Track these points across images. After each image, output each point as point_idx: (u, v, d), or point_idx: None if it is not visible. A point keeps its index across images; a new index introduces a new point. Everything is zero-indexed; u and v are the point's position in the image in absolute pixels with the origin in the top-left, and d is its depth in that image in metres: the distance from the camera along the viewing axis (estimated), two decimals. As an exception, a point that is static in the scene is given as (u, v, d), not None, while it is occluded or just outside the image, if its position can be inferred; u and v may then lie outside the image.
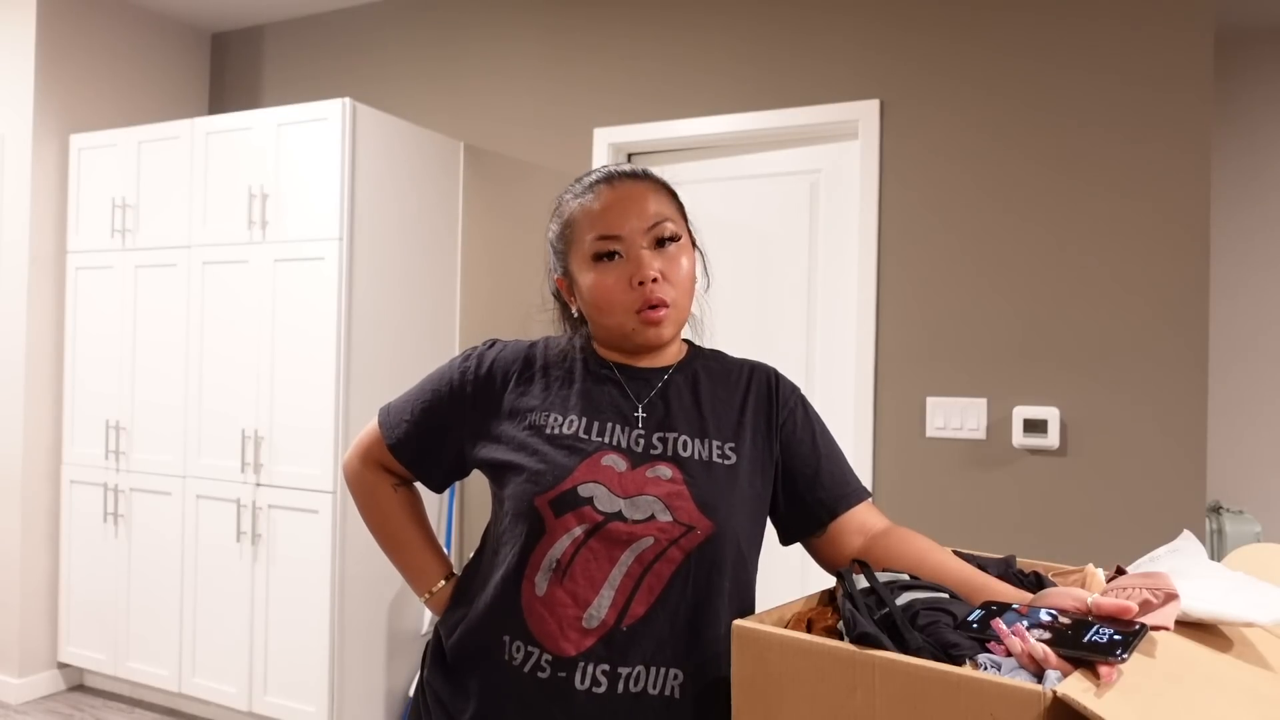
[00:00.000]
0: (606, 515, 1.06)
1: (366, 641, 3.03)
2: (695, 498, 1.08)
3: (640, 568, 1.05)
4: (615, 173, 1.18)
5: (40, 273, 3.44)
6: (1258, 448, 3.49)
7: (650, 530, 1.06)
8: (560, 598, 1.06)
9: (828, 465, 1.18)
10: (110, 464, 3.36)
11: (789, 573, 2.70)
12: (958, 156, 2.68)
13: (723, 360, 1.24)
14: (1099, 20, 2.53)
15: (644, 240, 1.12)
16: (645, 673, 1.05)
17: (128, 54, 3.73)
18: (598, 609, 1.05)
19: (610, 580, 1.05)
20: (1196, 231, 2.42)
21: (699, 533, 1.06)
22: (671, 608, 1.06)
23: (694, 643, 1.07)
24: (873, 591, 0.86)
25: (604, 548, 1.05)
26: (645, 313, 1.10)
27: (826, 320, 2.89)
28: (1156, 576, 0.87)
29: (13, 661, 3.39)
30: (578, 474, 1.08)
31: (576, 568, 1.06)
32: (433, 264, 3.32)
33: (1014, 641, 0.79)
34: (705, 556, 1.07)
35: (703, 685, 1.06)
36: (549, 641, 1.06)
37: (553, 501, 1.08)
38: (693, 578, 1.06)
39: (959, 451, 2.65)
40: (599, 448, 1.11)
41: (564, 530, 1.07)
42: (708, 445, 1.13)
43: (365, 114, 3.00)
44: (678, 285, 1.13)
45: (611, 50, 3.20)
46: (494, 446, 1.16)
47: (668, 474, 1.09)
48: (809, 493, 1.16)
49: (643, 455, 1.11)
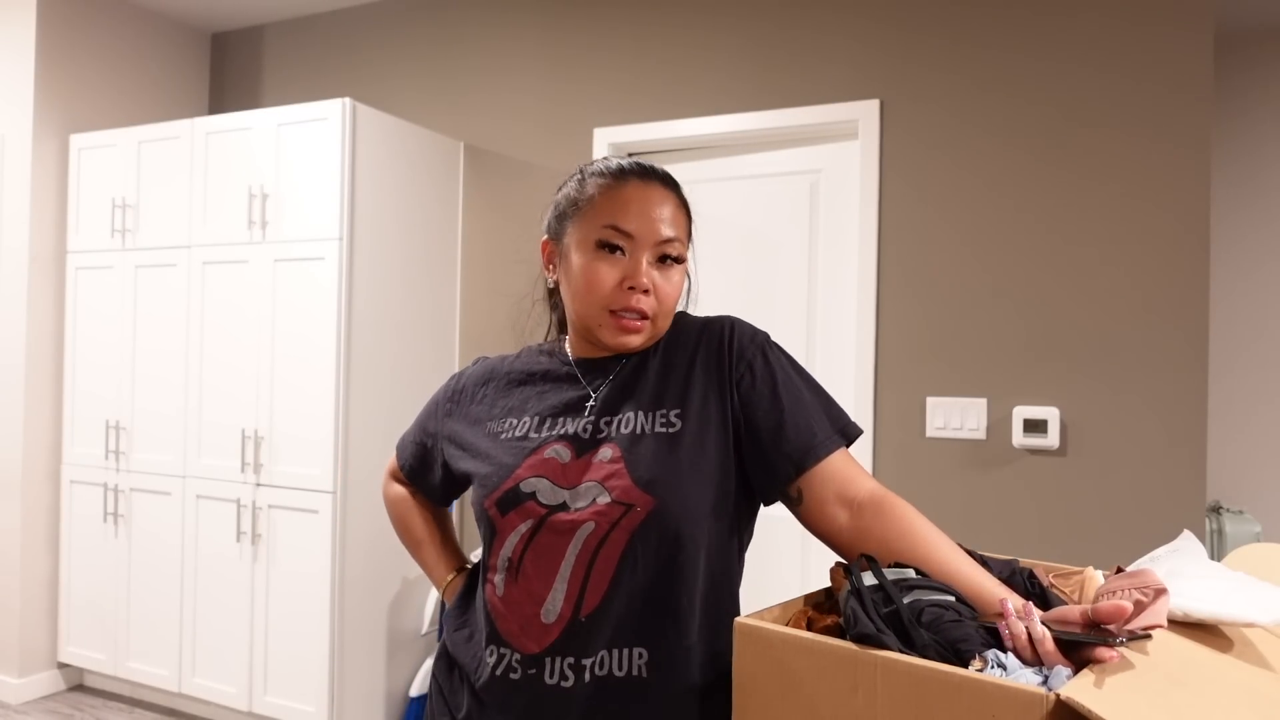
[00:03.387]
0: (550, 508, 1.05)
1: (366, 641, 3.03)
2: (633, 475, 1.04)
3: (588, 555, 1.03)
4: (650, 170, 1.14)
5: (40, 273, 3.44)
6: (1258, 448, 3.49)
7: (590, 515, 1.03)
8: (516, 596, 1.06)
9: (792, 416, 1.07)
10: (110, 464, 3.36)
11: (789, 572, 2.70)
12: (958, 156, 2.68)
13: (679, 324, 1.18)
14: (1099, 21, 2.53)
15: (650, 250, 1.09)
16: (608, 656, 1.03)
17: (128, 54, 3.73)
18: (553, 603, 1.04)
19: (560, 573, 1.03)
20: (1196, 231, 2.42)
21: (639, 510, 1.02)
22: (626, 590, 1.03)
23: (655, 619, 1.04)
24: (880, 588, 0.86)
25: (550, 541, 1.04)
26: (621, 318, 1.08)
27: (826, 320, 2.89)
28: (1143, 574, 0.87)
29: (13, 661, 3.39)
30: (520, 471, 1.09)
31: (527, 564, 1.05)
32: (433, 264, 3.31)
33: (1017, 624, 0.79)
34: (651, 533, 1.02)
35: (669, 660, 1.03)
36: (514, 641, 1.06)
37: (498, 501, 1.08)
38: (641, 557, 1.02)
39: (959, 451, 2.65)
40: (544, 440, 1.11)
41: (511, 529, 1.07)
42: (651, 417, 1.09)
43: (365, 114, 3.00)
44: (663, 304, 1.11)
45: (611, 50, 3.20)
46: (461, 457, 1.20)
47: (609, 455, 1.07)
48: (774, 448, 1.07)
49: (589, 441, 1.09)
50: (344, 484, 2.92)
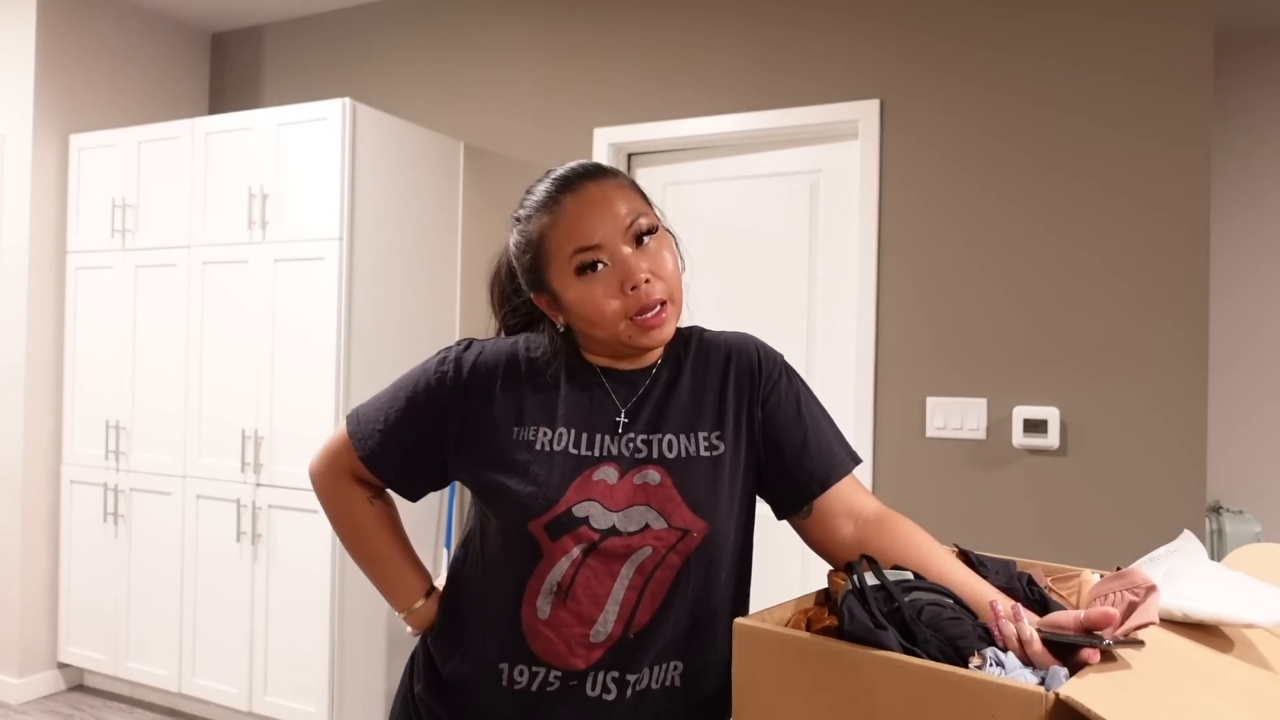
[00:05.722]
0: (602, 532, 1.04)
1: (366, 641, 3.03)
2: (686, 499, 1.06)
3: (641, 579, 1.05)
4: (571, 177, 1.10)
5: (40, 273, 3.44)
6: (1258, 448, 3.49)
7: (647, 540, 1.04)
8: (565, 619, 1.05)
9: (814, 436, 1.13)
10: (110, 464, 3.36)
11: (789, 572, 2.70)
12: (958, 156, 2.68)
13: (705, 340, 1.17)
14: (1099, 21, 2.53)
15: (624, 241, 1.05)
16: (649, 672, 1.06)
17: (128, 54, 3.73)
18: (604, 624, 1.04)
19: (613, 595, 1.04)
20: (1196, 231, 2.42)
21: (695, 535, 1.05)
22: (676, 610, 1.06)
23: (693, 634, 1.08)
24: (881, 588, 0.86)
25: (603, 564, 1.04)
26: (642, 318, 1.04)
27: (826, 320, 2.89)
28: (1131, 574, 0.87)
29: (13, 661, 3.39)
30: (570, 494, 1.05)
31: (578, 588, 1.04)
32: (433, 264, 3.31)
33: (1007, 625, 0.81)
34: (704, 557, 1.06)
35: (700, 670, 1.08)
36: (558, 660, 1.06)
37: (548, 526, 1.04)
38: (693, 579, 1.07)
39: (959, 451, 2.65)
40: (590, 462, 1.07)
41: (562, 552, 1.04)
42: (694, 439, 1.10)
43: (365, 114, 3.00)
44: (668, 280, 1.07)
45: (611, 50, 3.20)
46: (479, 462, 1.10)
47: (656, 478, 1.07)
48: (797, 465, 1.11)
49: (631, 461, 1.08)
50: (344, 484, 2.92)
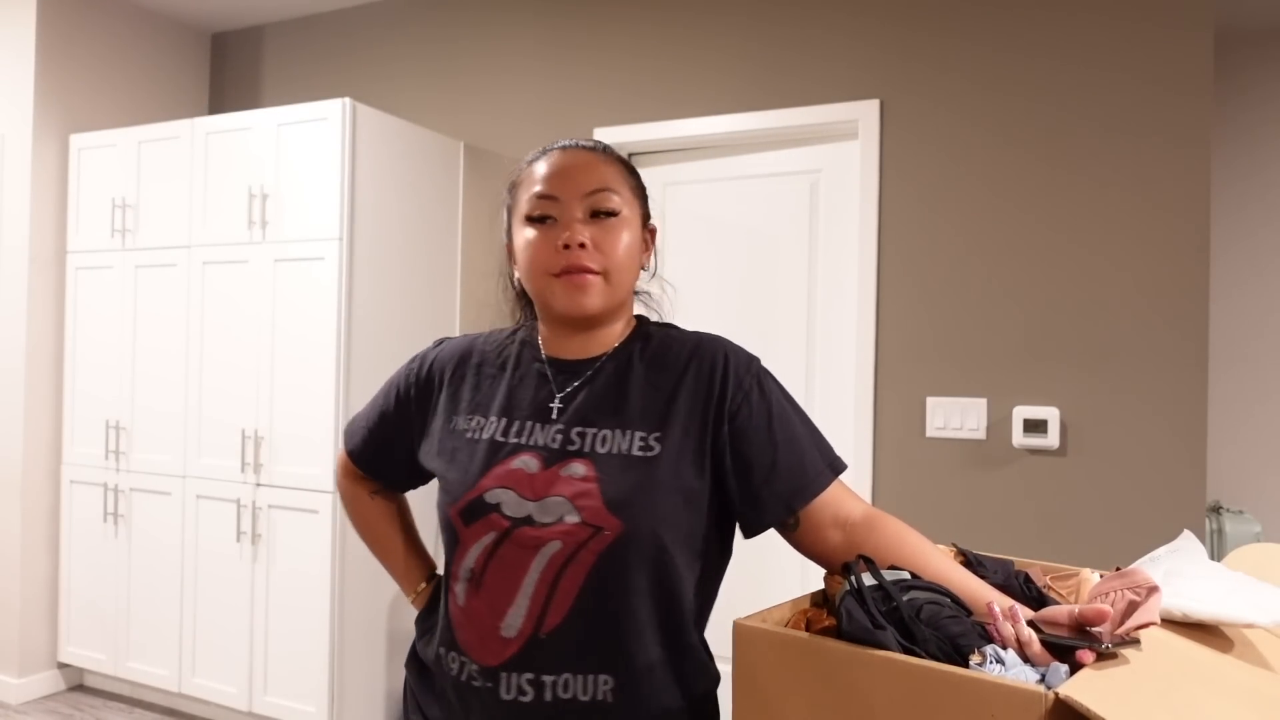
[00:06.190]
0: (514, 520, 1.01)
1: (366, 641, 3.03)
2: (605, 496, 1.00)
3: (553, 573, 1.00)
4: (570, 142, 1.14)
5: (40, 273, 3.44)
6: (1258, 448, 3.49)
7: (557, 534, 0.99)
8: (477, 608, 1.03)
9: (785, 454, 1.05)
10: (110, 464, 3.35)
11: (789, 573, 2.70)
12: (958, 156, 2.68)
13: (668, 338, 1.13)
14: (1099, 21, 2.53)
15: (580, 208, 1.06)
16: (573, 680, 1.01)
17: (128, 54, 3.73)
18: (514, 618, 1.01)
19: (524, 588, 1.00)
20: (1196, 231, 2.42)
21: (608, 534, 0.99)
22: (590, 614, 1.00)
23: (619, 647, 1.01)
24: (878, 588, 0.86)
25: (514, 554, 1.01)
26: (566, 276, 1.04)
27: (826, 320, 2.89)
28: (1134, 574, 0.87)
29: (13, 661, 3.39)
30: (486, 480, 1.05)
31: (489, 577, 1.02)
32: (433, 264, 3.31)
33: (1005, 626, 0.80)
34: (617, 559, 0.99)
35: (633, 684, 1.02)
36: (473, 652, 1.04)
37: (462, 511, 1.05)
38: (606, 582, 1.00)
39: (959, 451, 2.65)
40: (511, 450, 1.06)
41: (474, 539, 1.04)
42: (629, 437, 1.04)
43: (365, 114, 3.00)
44: (610, 257, 1.05)
45: (611, 50, 3.20)
46: (428, 452, 1.15)
47: (581, 471, 1.02)
48: (765, 486, 1.04)
49: (559, 453, 1.04)
50: (344, 484, 2.92)
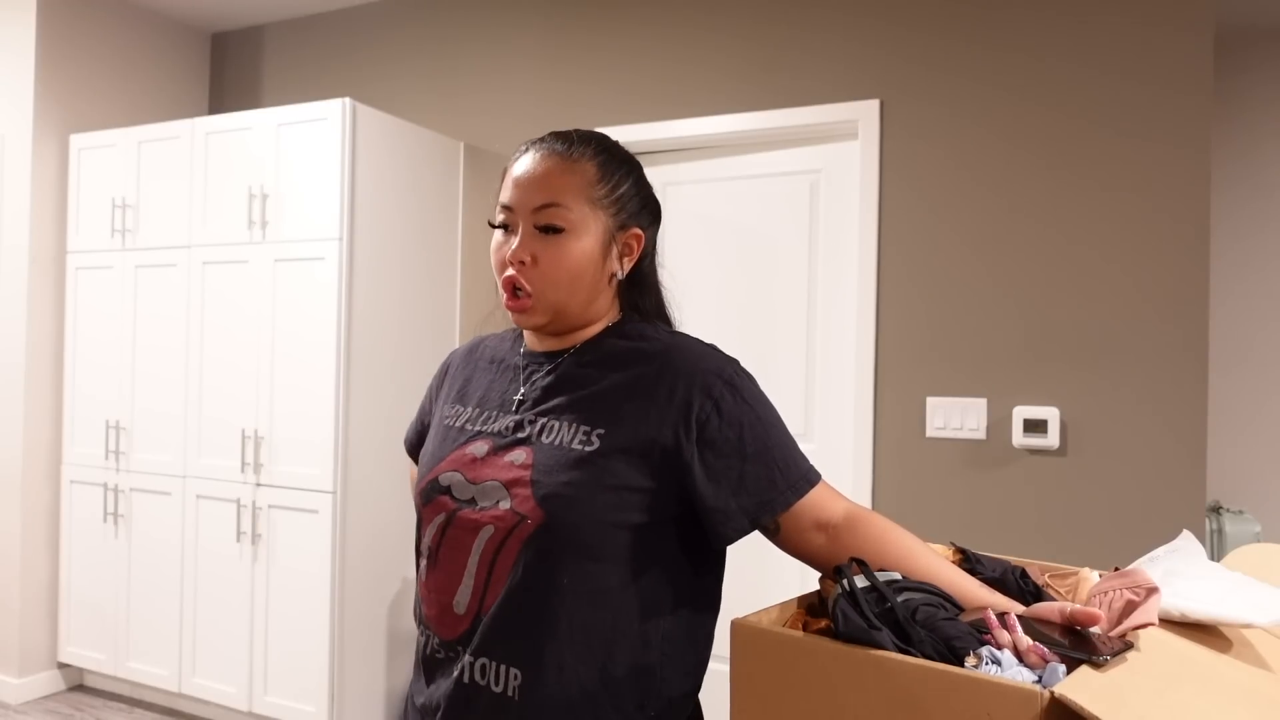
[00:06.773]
0: (460, 503, 1.05)
1: (366, 641, 3.03)
2: (535, 485, 1.01)
3: (489, 556, 1.02)
4: (544, 140, 1.12)
5: (40, 273, 3.44)
6: (1258, 448, 3.49)
7: (490, 518, 1.02)
8: (435, 584, 1.08)
9: (754, 466, 1.01)
10: (110, 464, 3.36)
11: (789, 573, 2.70)
12: (958, 156, 2.68)
13: (641, 338, 1.11)
14: (1099, 21, 2.53)
15: (526, 221, 1.06)
16: (489, 665, 1.01)
17: (128, 54, 3.73)
18: (462, 595, 1.04)
19: (469, 568, 1.04)
20: (1196, 231, 2.42)
21: (530, 523, 0.99)
22: (516, 602, 1.00)
23: (533, 644, 1.00)
24: (872, 589, 0.86)
25: (459, 536, 1.05)
26: (506, 296, 1.08)
27: (826, 320, 2.89)
28: (1134, 574, 0.87)
29: (13, 661, 3.39)
30: (442, 464, 1.10)
31: (441, 555, 1.07)
32: (433, 264, 3.32)
33: (1003, 634, 0.80)
34: (539, 549, 0.99)
35: (541, 694, 0.99)
36: (434, 625, 1.08)
37: (422, 491, 1.11)
38: (529, 572, 1.00)
39: (959, 451, 2.65)
40: (468, 436, 1.11)
41: (430, 519, 1.09)
42: (574, 430, 1.03)
43: (365, 114, 3.00)
44: (547, 275, 1.05)
45: (611, 50, 3.20)
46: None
47: (521, 459, 1.04)
48: (733, 498, 1.01)
49: (507, 440, 1.07)
50: (344, 484, 2.92)
